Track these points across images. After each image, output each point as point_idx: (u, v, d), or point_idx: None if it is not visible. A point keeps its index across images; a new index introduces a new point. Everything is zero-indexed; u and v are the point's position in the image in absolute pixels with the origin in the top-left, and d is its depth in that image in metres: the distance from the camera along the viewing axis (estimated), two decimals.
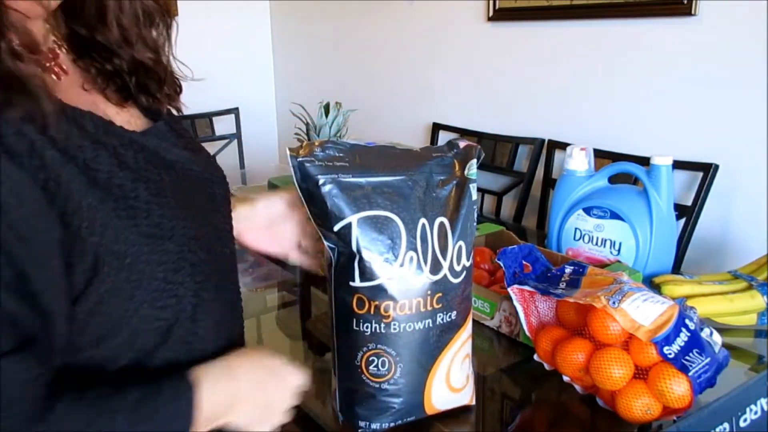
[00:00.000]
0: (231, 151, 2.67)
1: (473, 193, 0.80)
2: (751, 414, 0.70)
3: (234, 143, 2.70)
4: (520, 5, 1.95)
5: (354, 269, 0.73)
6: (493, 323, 1.06)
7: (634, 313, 0.78)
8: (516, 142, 2.02)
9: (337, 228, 0.72)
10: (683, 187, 1.62)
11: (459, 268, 0.77)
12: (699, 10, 1.55)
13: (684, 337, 0.78)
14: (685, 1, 1.56)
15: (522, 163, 2.04)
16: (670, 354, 0.76)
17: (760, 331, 1.07)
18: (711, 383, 0.78)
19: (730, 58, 1.52)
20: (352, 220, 0.72)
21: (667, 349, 0.76)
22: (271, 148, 3.14)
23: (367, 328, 0.74)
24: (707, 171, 1.54)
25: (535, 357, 0.92)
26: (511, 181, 2.05)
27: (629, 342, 0.81)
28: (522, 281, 0.95)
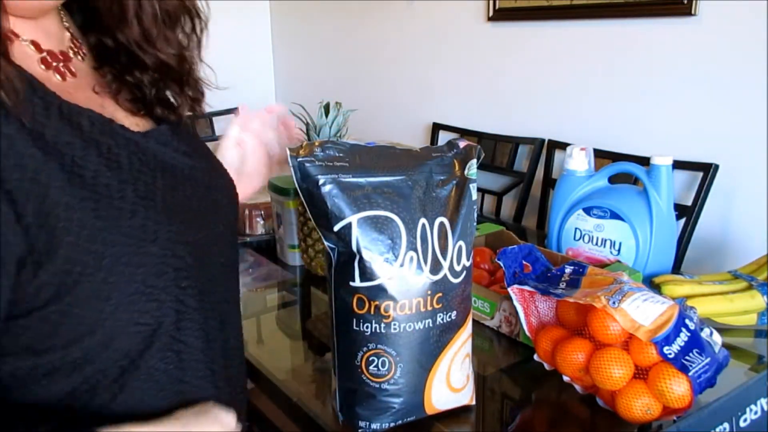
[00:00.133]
0: None
1: (473, 193, 0.80)
2: (751, 414, 0.70)
3: None
4: (520, 5, 1.95)
5: (354, 269, 0.73)
6: (493, 323, 1.06)
7: (634, 313, 0.78)
8: (516, 142, 2.02)
9: (337, 228, 0.72)
10: (683, 187, 1.62)
11: (459, 268, 0.77)
12: (699, 10, 1.55)
13: (684, 337, 0.78)
14: (685, 1, 1.56)
15: (522, 163, 2.04)
16: (670, 354, 0.76)
17: (760, 331, 1.07)
18: (711, 383, 0.78)
19: (730, 58, 1.52)
20: (352, 220, 0.72)
21: (667, 349, 0.76)
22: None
23: (367, 328, 0.74)
24: (707, 171, 1.54)
25: (535, 357, 0.92)
26: (511, 181, 2.05)
27: (629, 342, 0.81)
28: (522, 281, 0.95)
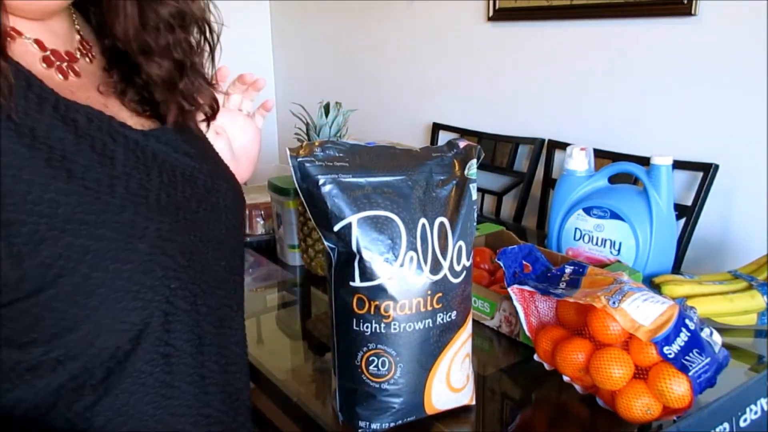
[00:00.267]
0: None
1: (473, 193, 0.80)
2: (751, 414, 0.70)
3: None
4: (520, 5, 1.95)
5: (354, 269, 0.73)
6: (493, 323, 1.06)
7: (634, 313, 0.78)
8: (516, 142, 2.02)
9: (337, 228, 0.72)
10: (683, 187, 1.62)
11: (459, 268, 0.77)
12: (699, 10, 1.55)
13: (684, 337, 0.78)
14: (685, 1, 1.56)
15: (522, 163, 2.04)
16: (670, 354, 0.76)
17: (760, 331, 1.07)
18: (711, 383, 0.78)
19: (730, 58, 1.51)
20: (352, 220, 0.72)
21: (667, 349, 0.76)
22: (271, 148, 3.14)
23: (367, 328, 0.74)
24: (707, 171, 1.54)
25: (535, 357, 0.92)
26: (511, 181, 2.05)
27: (629, 342, 0.81)
28: (522, 281, 0.95)
